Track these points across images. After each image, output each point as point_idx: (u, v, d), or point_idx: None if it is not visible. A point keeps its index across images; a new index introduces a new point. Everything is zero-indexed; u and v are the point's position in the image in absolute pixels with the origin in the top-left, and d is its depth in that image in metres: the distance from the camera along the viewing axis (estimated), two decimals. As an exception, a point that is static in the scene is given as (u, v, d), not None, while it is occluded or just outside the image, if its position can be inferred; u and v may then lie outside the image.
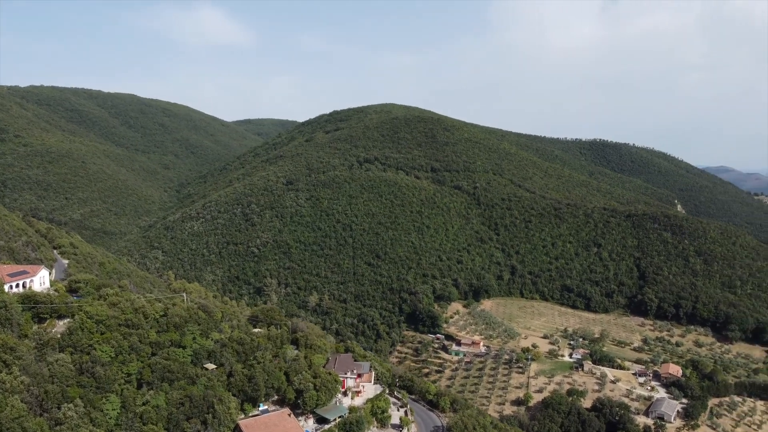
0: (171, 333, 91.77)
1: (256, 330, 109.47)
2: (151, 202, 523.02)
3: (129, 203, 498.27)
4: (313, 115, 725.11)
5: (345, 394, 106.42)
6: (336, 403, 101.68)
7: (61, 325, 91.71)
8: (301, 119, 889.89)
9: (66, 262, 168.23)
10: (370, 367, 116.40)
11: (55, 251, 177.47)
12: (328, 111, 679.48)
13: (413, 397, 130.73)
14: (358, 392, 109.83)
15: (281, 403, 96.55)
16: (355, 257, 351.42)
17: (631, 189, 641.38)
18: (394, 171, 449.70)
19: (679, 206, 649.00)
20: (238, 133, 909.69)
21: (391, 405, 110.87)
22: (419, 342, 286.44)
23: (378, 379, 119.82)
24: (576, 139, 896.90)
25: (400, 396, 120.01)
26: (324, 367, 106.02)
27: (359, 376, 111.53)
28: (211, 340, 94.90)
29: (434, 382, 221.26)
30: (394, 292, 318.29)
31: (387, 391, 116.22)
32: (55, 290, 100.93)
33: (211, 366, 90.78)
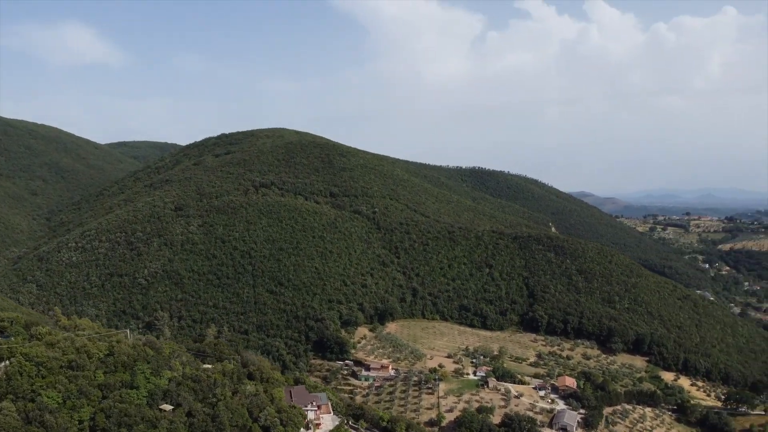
0: (120, 373, 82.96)
1: (206, 366, 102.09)
2: (19, 231, 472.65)
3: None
4: (194, 138, 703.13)
5: (307, 427, 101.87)
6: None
7: (-12, 371, 79.83)
8: (181, 142, 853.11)
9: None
10: (327, 397, 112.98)
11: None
12: (211, 134, 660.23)
13: (367, 425, 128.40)
14: (318, 425, 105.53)
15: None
16: (255, 285, 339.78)
17: (511, 213, 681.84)
18: (293, 196, 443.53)
19: (553, 228, 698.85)
20: (113, 156, 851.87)
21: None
22: (327, 370, 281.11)
23: (334, 410, 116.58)
24: (457, 166, 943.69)
25: (357, 426, 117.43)
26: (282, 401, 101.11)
27: (318, 407, 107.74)
28: (165, 378, 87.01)
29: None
30: (299, 319, 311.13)
31: (345, 422, 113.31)
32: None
33: (167, 407, 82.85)
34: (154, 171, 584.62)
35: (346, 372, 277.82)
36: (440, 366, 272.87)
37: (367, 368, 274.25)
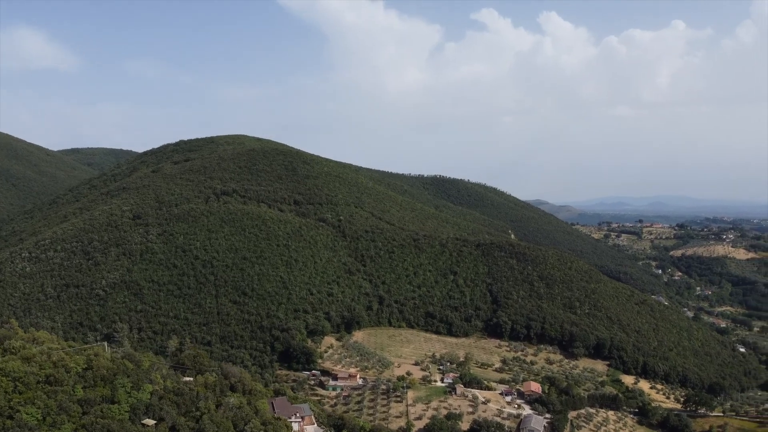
0: (100, 388, 79.95)
1: (187, 378, 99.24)
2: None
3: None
4: (151, 145, 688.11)
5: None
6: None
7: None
8: (138, 149, 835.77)
9: None
10: (310, 408, 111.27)
11: None
12: (168, 141, 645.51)
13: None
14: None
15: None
16: (218, 296, 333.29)
17: (472, 220, 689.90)
18: (256, 204, 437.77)
19: (512, 235, 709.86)
20: (66, 164, 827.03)
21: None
22: (294, 380, 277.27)
23: (317, 421, 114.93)
24: (419, 174, 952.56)
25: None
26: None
27: (302, 419, 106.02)
28: (146, 392, 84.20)
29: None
30: (264, 330, 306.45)
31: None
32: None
33: (150, 421, 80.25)
34: (110, 178, 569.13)
35: (313, 382, 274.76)
36: (408, 374, 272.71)
37: (335, 378, 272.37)
